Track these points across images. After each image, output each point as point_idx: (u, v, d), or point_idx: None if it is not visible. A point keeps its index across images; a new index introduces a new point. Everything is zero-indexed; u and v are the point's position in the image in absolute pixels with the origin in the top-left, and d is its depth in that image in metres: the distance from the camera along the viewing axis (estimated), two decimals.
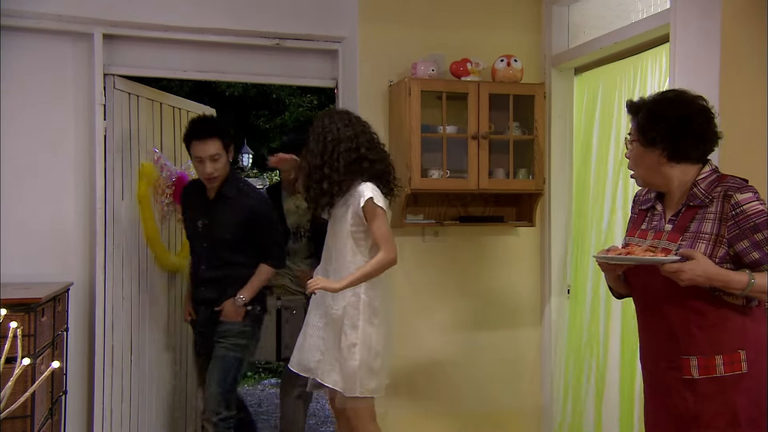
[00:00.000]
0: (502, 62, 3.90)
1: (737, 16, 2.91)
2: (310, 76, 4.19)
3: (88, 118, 3.70)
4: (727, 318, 2.20)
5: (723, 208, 2.19)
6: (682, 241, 2.23)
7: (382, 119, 3.94)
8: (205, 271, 3.60)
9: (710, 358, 2.20)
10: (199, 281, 3.64)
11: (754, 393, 2.19)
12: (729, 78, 2.90)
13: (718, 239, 2.19)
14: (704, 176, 2.26)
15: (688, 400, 2.23)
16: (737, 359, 2.19)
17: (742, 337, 2.20)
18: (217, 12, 3.84)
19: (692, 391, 2.23)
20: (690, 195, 2.26)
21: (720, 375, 2.19)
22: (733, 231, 2.17)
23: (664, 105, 2.27)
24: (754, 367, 2.19)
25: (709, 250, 2.18)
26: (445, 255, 4.07)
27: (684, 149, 2.24)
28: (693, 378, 2.22)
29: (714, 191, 2.22)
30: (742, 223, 2.16)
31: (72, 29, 3.66)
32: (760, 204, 2.17)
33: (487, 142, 3.82)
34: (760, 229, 2.14)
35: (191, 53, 3.92)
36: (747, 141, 2.93)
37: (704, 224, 2.21)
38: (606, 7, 3.87)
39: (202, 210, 3.60)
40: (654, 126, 2.24)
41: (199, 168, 3.50)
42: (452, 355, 4.07)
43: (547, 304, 4.17)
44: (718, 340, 2.20)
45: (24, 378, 2.44)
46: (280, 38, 3.98)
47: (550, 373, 4.17)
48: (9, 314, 1.67)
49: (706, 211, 2.22)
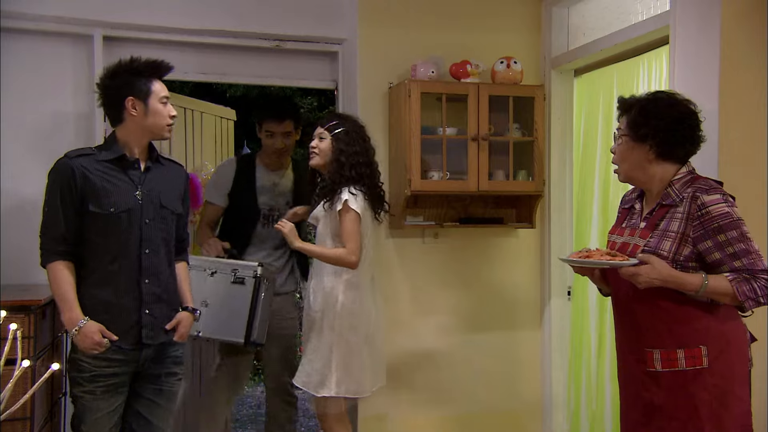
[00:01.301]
0: (501, 64, 3.91)
1: (737, 18, 2.92)
2: (310, 77, 4.19)
3: (88, 120, 3.70)
4: (690, 314, 2.29)
5: (690, 208, 2.29)
6: (650, 237, 2.33)
7: (382, 121, 3.95)
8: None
9: (672, 351, 2.30)
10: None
11: (716, 389, 2.27)
12: (729, 80, 2.90)
13: (684, 238, 2.28)
14: (680, 177, 2.37)
15: (653, 391, 2.34)
16: (698, 354, 2.28)
17: (704, 334, 2.29)
18: (218, 14, 3.85)
19: (656, 383, 2.33)
20: (664, 194, 2.37)
21: (681, 369, 2.29)
22: (698, 231, 2.27)
23: (658, 104, 2.37)
24: (715, 363, 2.27)
25: (674, 248, 2.28)
26: (445, 256, 4.07)
27: (672, 148, 2.35)
28: (656, 371, 2.33)
29: (685, 191, 2.32)
30: (707, 224, 2.25)
31: (72, 31, 3.66)
32: (726, 206, 2.25)
33: (487, 143, 3.82)
34: (723, 230, 2.24)
35: (191, 55, 3.92)
36: (746, 142, 2.94)
37: (672, 223, 2.32)
38: (606, 9, 3.87)
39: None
40: (647, 122, 2.34)
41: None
42: (452, 357, 4.07)
43: (547, 306, 4.17)
44: (680, 334, 2.30)
45: (24, 380, 2.44)
46: (280, 40, 3.98)
47: (550, 375, 4.17)
48: (9, 316, 1.67)
49: (675, 211, 2.32)
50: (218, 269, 3.41)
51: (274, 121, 3.73)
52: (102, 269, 2.67)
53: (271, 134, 3.72)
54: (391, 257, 3.97)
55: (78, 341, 2.61)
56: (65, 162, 2.68)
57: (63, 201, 2.64)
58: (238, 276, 3.38)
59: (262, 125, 3.76)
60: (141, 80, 2.73)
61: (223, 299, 3.36)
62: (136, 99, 2.71)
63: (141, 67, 2.75)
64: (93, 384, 2.64)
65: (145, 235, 2.72)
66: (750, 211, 2.81)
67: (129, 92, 2.71)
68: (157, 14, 3.75)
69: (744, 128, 2.93)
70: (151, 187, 2.76)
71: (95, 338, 2.60)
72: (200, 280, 3.33)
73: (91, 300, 2.65)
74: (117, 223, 2.67)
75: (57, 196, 2.64)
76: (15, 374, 1.49)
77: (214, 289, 3.36)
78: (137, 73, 2.73)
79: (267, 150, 3.77)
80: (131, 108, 2.71)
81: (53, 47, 3.67)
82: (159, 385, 2.78)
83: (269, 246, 3.75)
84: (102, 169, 2.69)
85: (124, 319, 2.68)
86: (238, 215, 3.78)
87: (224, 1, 3.86)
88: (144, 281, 2.72)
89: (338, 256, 3.23)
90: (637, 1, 3.63)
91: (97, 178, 2.67)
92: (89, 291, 2.66)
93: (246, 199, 3.75)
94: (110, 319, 2.65)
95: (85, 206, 2.65)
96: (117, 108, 2.73)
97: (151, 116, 2.73)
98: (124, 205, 2.69)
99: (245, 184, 3.77)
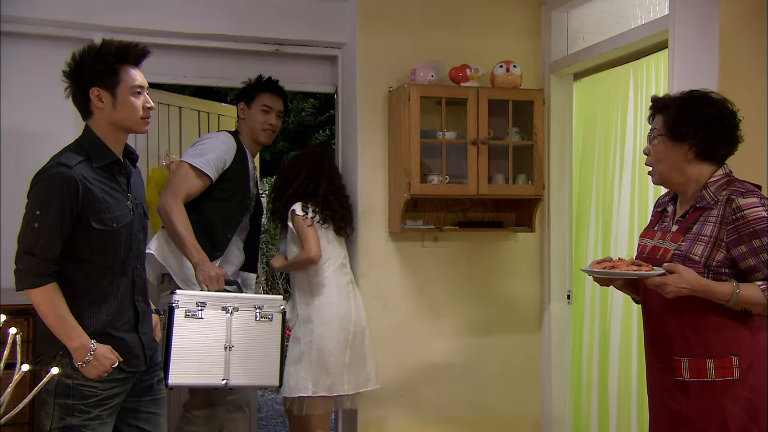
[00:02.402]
0: (501, 68, 3.91)
1: (736, 22, 2.92)
2: (310, 81, 4.20)
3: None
4: (722, 323, 2.20)
5: (725, 211, 2.19)
6: (682, 241, 2.24)
7: (382, 125, 3.95)
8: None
9: (701, 361, 2.21)
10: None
11: (747, 402, 2.18)
12: (728, 84, 2.89)
13: (717, 242, 2.19)
14: (716, 179, 2.27)
15: (680, 401, 2.25)
16: (729, 365, 2.19)
17: (736, 344, 2.20)
18: (217, 18, 3.85)
19: (683, 393, 2.24)
20: (698, 197, 2.27)
21: (711, 379, 2.20)
22: (732, 235, 2.17)
23: (697, 101, 2.28)
24: (747, 375, 2.19)
25: (707, 253, 2.19)
26: (445, 260, 4.07)
27: (713, 147, 2.26)
28: (684, 380, 2.24)
29: (720, 194, 2.23)
30: (742, 228, 2.15)
31: (72, 35, 3.66)
32: (764, 210, 2.15)
33: (487, 147, 3.82)
34: (759, 235, 2.13)
35: (191, 59, 3.94)
36: (745, 147, 2.92)
37: (705, 227, 2.22)
38: (605, 13, 3.88)
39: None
40: (687, 120, 2.24)
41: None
42: (452, 361, 4.07)
43: (547, 310, 4.17)
44: (710, 343, 2.21)
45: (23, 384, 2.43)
46: (279, 44, 3.98)
47: (550, 379, 4.16)
48: (8, 320, 1.67)
49: (709, 214, 2.22)
50: (239, 306, 3.08)
51: (274, 96, 3.68)
52: (98, 290, 2.40)
53: (267, 110, 3.65)
54: (391, 261, 3.97)
55: (91, 368, 2.34)
56: (66, 173, 2.31)
57: (63, 218, 2.30)
58: (265, 314, 3.13)
59: (255, 100, 3.64)
60: (108, 68, 2.38)
61: (250, 341, 3.08)
62: (102, 89, 2.39)
63: (108, 52, 2.39)
64: (100, 408, 2.39)
65: (135, 249, 2.49)
66: None
67: (94, 82, 2.39)
68: (157, 18, 3.75)
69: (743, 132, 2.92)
70: (136, 195, 2.52)
71: (112, 357, 2.37)
72: (218, 320, 3.02)
73: (89, 324, 2.37)
74: (117, 240, 2.40)
75: (56, 211, 2.29)
76: (14, 378, 1.48)
77: (237, 331, 3.06)
78: (103, 60, 2.38)
79: (258, 127, 3.63)
80: (96, 100, 2.39)
81: (53, 51, 3.67)
82: (154, 395, 2.59)
83: (242, 237, 3.64)
84: (98, 177, 2.38)
85: (125, 342, 2.45)
86: (230, 201, 3.47)
87: (224, 5, 3.87)
88: (138, 299, 2.51)
89: (298, 258, 3.54)
90: (637, 6, 3.63)
91: (98, 190, 2.36)
92: (83, 314, 2.37)
93: (242, 185, 3.52)
94: (110, 342, 2.40)
95: (82, 222, 2.33)
96: (82, 100, 2.43)
97: (121, 109, 2.40)
98: (123, 218, 2.42)
99: (243, 167, 3.55)
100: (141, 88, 2.45)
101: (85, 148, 2.42)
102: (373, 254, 3.93)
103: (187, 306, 2.95)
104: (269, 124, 3.64)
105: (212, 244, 3.38)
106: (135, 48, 2.45)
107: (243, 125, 3.68)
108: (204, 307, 2.96)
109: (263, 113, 3.64)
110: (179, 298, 2.95)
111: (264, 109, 3.64)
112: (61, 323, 2.32)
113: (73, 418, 2.36)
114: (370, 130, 3.93)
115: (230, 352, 3.02)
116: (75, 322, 2.34)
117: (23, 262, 2.32)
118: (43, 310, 2.33)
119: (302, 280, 3.61)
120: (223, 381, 3.02)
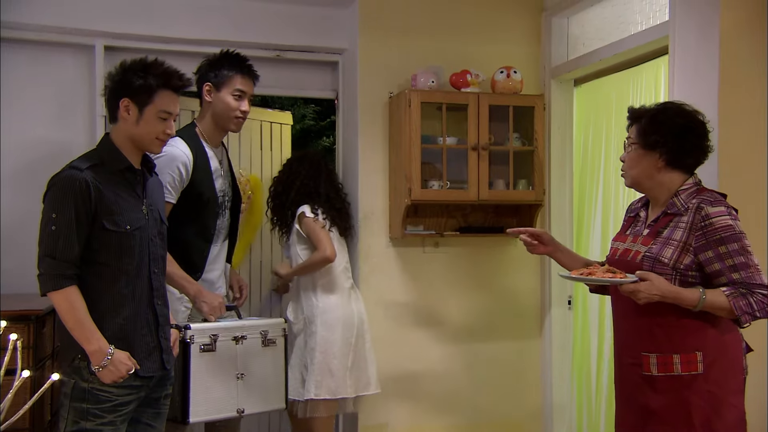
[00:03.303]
0: (501, 74, 3.91)
1: (736, 29, 2.93)
2: (311, 87, 4.21)
3: (90, 129, 3.71)
4: (689, 323, 2.33)
5: (694, 218, 2.32)
6: (652, 244, 2.38)
7: (382, 130, 3.95)
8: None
9: (668, 356, 2.34)
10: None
11: (710, 396, 2.31)
12: (728, 89, 2.91)
13: (685, 247, 2.32)
14: (686, 187, 2.41)
15: (648, 396, 2.38)
16: (693, 359, 2.32)
17: (701, 340, 2.32)
18: (218, 24, 3.86)
19: (652, 387, 2.37)
20: (670, 203, 2.41)
21: (677, 373, 2.32)
22: (700, 241, 2.30)
23: (668, 113, 2.42)
24: (710, 370, 2.31)
25: (675, 256, 2.33)
26: (446, 266, 4.07)
27: (681, 156, 2.39)
28: (652, 375, 2.36)
29: (690, 202, 2.36)
30: (709, 235, 2.29)
31: (74, 41, 3.68)
32: (730, 219, 2.29)
33: (487, 153, 3.82)
34: (725, 242, 2.28)
35: (192, 65, 3.92)
36: (745, 152, 2.94)
37: (675, 231, 2.35)
38: (605, 20, 3.89)
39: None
40: (657, 130, 2.38)
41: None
42: (453, 366, 4.07)
43: (548, 315, 4.17)
44: (677, 340, 2.33)
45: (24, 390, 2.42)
46: (280, 50, 3.99)
47: (551, 384, 4.16)
48: (9, 326, 1.67)
49: (680, 220, 2.36)
50: (246, 334, 3.03)
51: (248, 79, 3.22)
52: (115, 293, 2.42)
53: (240, 95, 3.17)
54: (392, 266, 3.97)
55: (108, 372, 2.36)
56: (77, 174, 2.37)
57: (78, 218, 2.34)
58: (270, 338, 3.08)
59: (226, 83, 3.16)
60: (146, 86, 2.46)
61: (258, 367, 3.05)
62: (132, 103, 2.46)
63: (151, 72, 2.48)
64: (114, 414, 2.41)
65: (152, 253, 2.52)
66: (750, 221, 2.81)
67: (127, 93, 2.46)
68: (159, 24, 3.76)
69: (744, 138, 2.93)
70: (152, 201, 2.57)
71: (129, 364, 2.38)
72: (230, 351, 2.97)
73: (106, 328, 2.39)
74: (131, 242, 2.43)
75: (71, 212, 2.34)
76: (15, 385, 1.49)
77: (246, 358, 3.01)
78: (144, 77, 2.47)
79: (229, 114, 3.16)
80: (124, 110, 2.47)
81: (55, 57, 3.69)
82: (157, 409, 2.59)
83: (221, 238, 3.25)
84: (111, 181, 2.44)
85: (143, 346, 2.48)
86: (197, 207, 3.11)
87: (225, 11, 3.87)
88: (157, 303, 2.53)
89: (313, 259, 3.56)
90: (637, 12, 3.64)
91: (110, 193, 2.41)
92: (102, 318, 2.39)
93: (207, 192, 3.11)
94: (129, 347, 2.42)
95: (98, 224, 2.38)
96: (113, 105, 2.50)
97: (143, 126, 2.47)
98: (136, 221, 2.46)
99: (203, 174, 3.11)
100: (169, 115, 2.51)
101: (100, 154, 2.50)
102: (374, 260, 3.93)
103: (202, 340, 2.90)
104: (242, 111, 3.18)
105: (190, 266, 3.08)
106: (179, 77, 2.55)
107: (207, 109, 3.19)
108: (216, 339, 2.93)
109: (235, 99, 3.16)
110: (194, 333, 2.89)
111: (237, 95, 3.17)
112: (80, 327, 2.35)
113: (87, 422, 2.39)
114: (370, 136, 3.94)
115: (242, 380, 2.99)
116: (94, 327, 2.36)
117: (44, 266, 2.36)
118: (64, 313, 2.36)
119: (307, 282, 3.63)
120: (238, 411, 2.99)
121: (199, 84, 3.23)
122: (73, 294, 2.35)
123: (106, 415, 2.40)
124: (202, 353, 2.89)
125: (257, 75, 3.30)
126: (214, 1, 3.85)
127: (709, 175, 2.80)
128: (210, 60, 3.25)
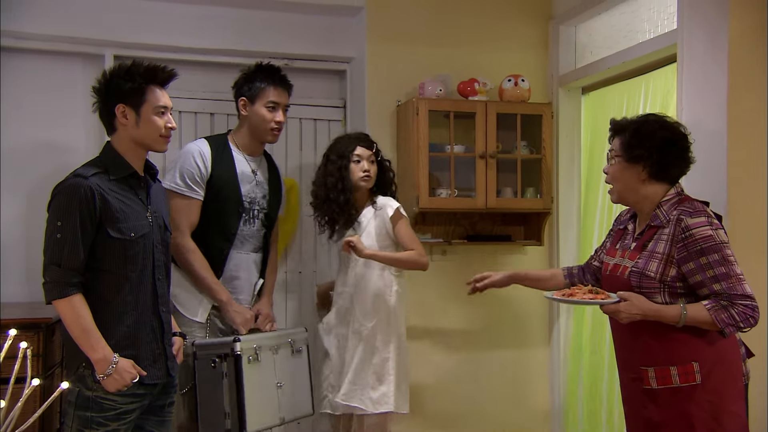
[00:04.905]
0: (509, 82, 3.92)
1: (744, 37, 2.92)
2: (319, 96, 4.21)
3: (99, 138, 3.72)
4: (681, 335, 2.33)
5: (675, 230, 2.34)
6: (638, 259, 2.39)
7: (390, 138, 3.96)
8: None
9: (666, 368, 2.34)
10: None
11: (710, 405, 2.31)
12: (736, 98, 2.90)
13: (669, 259, 2.34)
14: (668, 198, 2.42)
15: (651, 409, 2.39)
16: (691, 370, 2.32)
17: (696, 350, 2.33)
18: (227, 33, 3.88)
19: (653, 401, 2.38)
20: (653, 216, 2.43)
21: (676, 385, 2.33)
22: (682, 252, 2.32)
23: (650, 126, 2.43)
24: (708, 380, 2.32)
25: (660, 269, 2.34)
26: (453, 274, 4.05)
27: (665, 168, 2.41)
28: (653, 388, 2.37)
29: (672, 213, 2.37)
30: (690, 246, 2.30)
31: (83, 51, 3.70)
32: (710, 229, 2.30)
33: (495, 161, 3.82)
34: (705, 253, 2.29)
35: (201, 74, 3.95)
36: (754, 159, 2.93)
37: (659, 244, 2.37)
38: (613, 28, 3.89)
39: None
40: (640, 144, 2.40)
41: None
42: (461, 374, 4.05)
43: (556, 324, 4.15)
44: (672, 352, 2.34)
45: (33, 398, 2.44)
46: (288, 59, 4.00)
47: (559, 393, 4.14)
48: (19, 334, 1.67)
49: (662, 232, 2.37)
50: (279, 344, 3.12)
51: (282, 90, 3.27)
52: (119, 301, 2.43)
53: (274, 106, 3.23)
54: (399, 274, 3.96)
55: (112, 380, 2.37)
56: (82, 182, 2.38)
57: (83, 226, 2.36)
58: (297, 347, 3.19)
59: (260, 96, 3.23)
60: (136, 87, 2.48)
61: (291, 375, 3.14)
62: (128, 107, 2.48)
63: (136, 72, 2.49)
64: (118, 422, 2.42)
65: (156, 260, 2.53)
66: (758, 230, 2.81)
67: (121, 99, 2.48)
68: (168, 34, 3.78)
69: (752, 146, 2.92)
70: (156, 208, 2.57)
71: (133, 372, 2.40)
72: (269, 361, 3.05)
73: (111, 336, 2.40)
74: (135, 250, 2.45)
75: (75, 220, 2.35)
76: (25, 393, 1.49)
77: (281, 367, 3.09)
78: (132, 79, 2.48)
79: (264, 127, 3.23)
80: (121, 116, 2.48)
81: (65, 67, 3.71)
82: (162, 416, 2.60)
83: (249, 247, 3.27)
84: (116, 189, 2.45)
85: (149, 353, 2.49)
86: (217, 209, 3.17)
87: (234, 21, 3.89)
88: (161, 310, 2.55)
89: (412, 258, 3.26)
90: (645, 20, 3.64)
91: (114, 200, 2.42)
92: (107, 325, 2.40)
93: (228, 189, 3.17)
94: (135, 355, 2.44)
95: (102, 232, 2.39)
96: (108, 115, 2.51)
97: (143, 126, 2.49)
98: (141, 229, 2.47)
99: (225, 170, 3.18)
100: (165, 109, 2.54)
101: (104, 161, 2.51)
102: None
103: (249, 353, 2.96)
104: (277, 122, 3.24)
105: (210, 263, 3.15)
106: (163, 70, 2.55)
107: (244, 123, 3.28)
108: (260, 350, 3.00)
109: (270, 111, 3.24)
110: (243, 346, 2.94)
111: (270, 106, 3.24)
112: (85, 335, 2.36)
113: (91, 430, 2.40)
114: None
115: (281, 389, 3.07)
116: (99, 335, 2.37)
117: (50, 274, 2.38)
118: (69, 321, 2.36)
119: (377, 281, 3.29)
120: (281, 419, 3.06)
121: (235, 98, 3.31)
122: (78, 302, 2.36)
123: (110, 423, 2.41)
124: (250, 365, 2.95)
125: (290, 84, 3.35)
126: (223, 11, 3.87)
127: (718, 183, 2.80)
128: (244, 74, 3.32)
